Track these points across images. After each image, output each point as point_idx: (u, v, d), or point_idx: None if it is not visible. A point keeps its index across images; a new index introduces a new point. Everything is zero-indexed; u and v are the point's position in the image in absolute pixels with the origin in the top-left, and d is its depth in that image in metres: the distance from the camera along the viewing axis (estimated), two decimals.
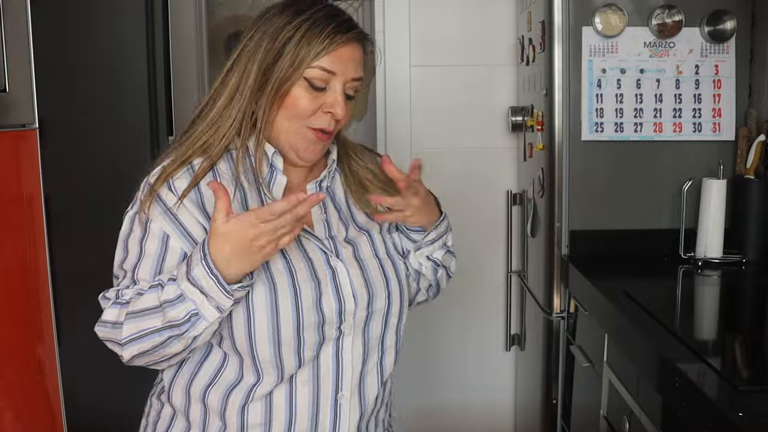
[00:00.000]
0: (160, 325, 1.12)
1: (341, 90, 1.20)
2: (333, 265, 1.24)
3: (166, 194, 1.19)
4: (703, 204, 2.08)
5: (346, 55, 1.20)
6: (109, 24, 2.29)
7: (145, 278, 1.18)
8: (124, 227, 1.23)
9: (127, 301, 1.17)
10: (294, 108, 1.20)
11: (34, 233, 2.03)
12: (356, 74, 1.22)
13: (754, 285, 1.99)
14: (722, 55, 2.15)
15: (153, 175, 1.24)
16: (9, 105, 1.90)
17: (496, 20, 2.79)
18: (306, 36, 1.18)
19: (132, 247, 1.20)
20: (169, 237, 1.17)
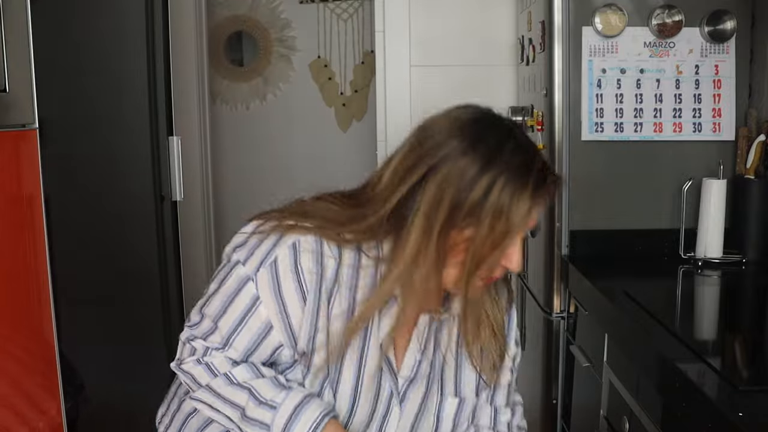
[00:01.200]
0: (231, 418, 1.15)
1: (520, 242, 1.09)
2: (391, 405, 1.21)
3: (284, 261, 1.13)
4: (703, 204, 2.08)
5: (540, 209, 1.07)
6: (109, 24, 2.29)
7: (238, 350, 1.16)
8: (231, 282, 1.16)
9: (215, 371, 1.16)
10: (476, 264, 1.08)
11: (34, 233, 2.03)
12: (537, 220, 1.10)
13: (754, 285, 1.99)
14: (722, 55, 2.15)
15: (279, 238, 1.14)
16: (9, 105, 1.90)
17: (496, 20, 2.79)
18: (506, 204, 1.03)
19: (233, 312, 1.15)
20: (272, 328, 1.14)
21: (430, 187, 1.05)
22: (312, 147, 3.92)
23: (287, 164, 3.91)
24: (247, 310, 1.14)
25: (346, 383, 1.17)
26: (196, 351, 1.18)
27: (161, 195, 2.41)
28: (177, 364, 1.22)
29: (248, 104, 3.97)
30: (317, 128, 3.92)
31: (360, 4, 3.86)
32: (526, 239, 2.60)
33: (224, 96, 3.95)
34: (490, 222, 1.03)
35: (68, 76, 2.23)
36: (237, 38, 4.00)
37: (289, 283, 1.12)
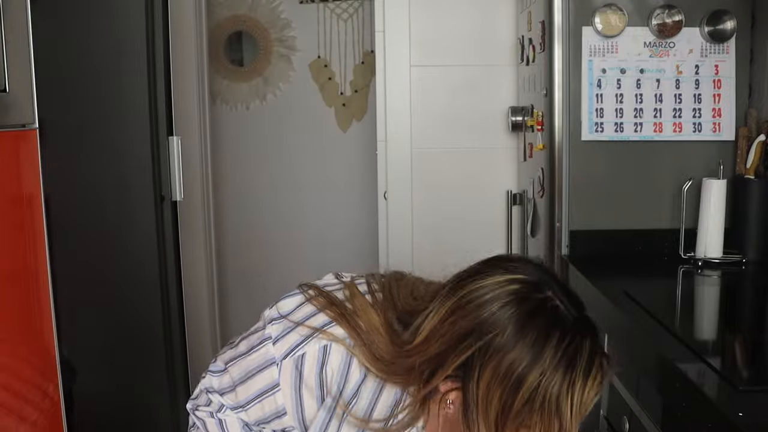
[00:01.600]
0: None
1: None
2: None
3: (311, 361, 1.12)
4: (703, 204, 2.08)
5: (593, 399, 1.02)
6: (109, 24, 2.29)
7: (251, 417, 1.19)
8: (257, 357, 1.17)
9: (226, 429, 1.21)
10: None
11: (34, 233, 2.03)
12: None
13: (754, 285, 1.99)
14: (722, 55, 2.15)
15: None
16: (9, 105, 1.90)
17: (496, 20, 2.79)
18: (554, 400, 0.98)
19: (252, 385, 1.17)
20: (286, 413, 1.16)
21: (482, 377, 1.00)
22: (312, 147, 3.92)
23: (287, 164, 3.91)
24: (266, 390, 1.16)
25: None
26: (211, 404, 1.23)
27: (161, 195, 2.41)
28: (192, 408, 1.26)
29: (248, 104, 3.96)
30: (317, 128, 3.92)
31: (360, 4, 3.86)
32: (526, 238, 2.60)
33: (224, 96, 3.95)
34: (541, 419, 0.98)
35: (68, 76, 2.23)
36: (237, 38, 3.99)
37: (311, 382, 1.13)
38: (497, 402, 0.99)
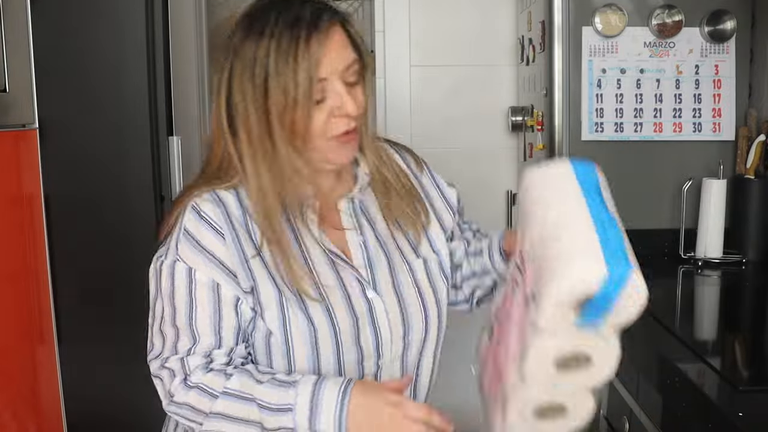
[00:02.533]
0: (253, 421, 1.08)
1: (342, 87, 1.11)
2: (369, 297, 1.19)
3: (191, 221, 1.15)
4: (703, 204, 2.08)
5: (327, 52, 1.09)
6: (109, 24, 2.29)
7: (207, 333, 1.12)
8: (165, 282, 1.14)
9: (211, 391, 1.10)
10: (308, 129, 1.11)
11: (34, 233, 2.03)
12: (346, 61, 1.11)
13: (754, 285, 1.99)
14: (722, 55, 2.15)
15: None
16: (9, 105, 1.90)
17: (496, 20, 2.79)
18: (280, 62, 1.08)
19: (180, 301, 1.13)
20: (218, 286, 1.12)
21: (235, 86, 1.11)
22: None
23: None
24: (189, 287, 1.13)
25: (313, 304, 1.14)
26: (175, 372, 1.13)
27: (161, 195, 2.41)
28: (168, 402, 1.16)
29: None
30: None
31: (360, 4, 3.86)
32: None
33: None
34: (279, 91, 1.08)
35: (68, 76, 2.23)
36: None
37: (203, 233, 1.13)
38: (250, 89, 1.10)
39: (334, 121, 1.12)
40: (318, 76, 1.08)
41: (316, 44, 1.08)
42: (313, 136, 1.12)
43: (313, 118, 1.10)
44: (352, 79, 1.13)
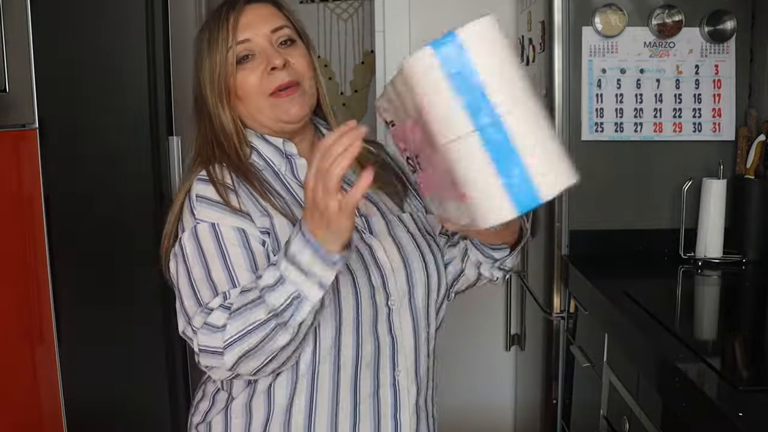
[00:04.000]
0: (264, 317, 1.05)
1: (269, 45, 1.22)
2: (368, 242, 1.24)
3: (201, 187, 1.21)
4: (703, 204, 2.08)
5: (249, 19, 1.22)
6: (109, 24, 2.29)
7: (243, 276, 1.13)
8: (190, 249, 1.17)
9: (216, 325, 1.09)
10: (243, 91, 1.22)
11: (34, 233, 2.03)
12: (271, 25, 1.23)
13: (754, 285, 1.99)
14: (722, 55, 2.15)
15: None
16: (9, 105, 1.90)
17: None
18: (211, 40, 1.22)
19: (212, 260, 1.14)
20: (245, 232, 1.16)
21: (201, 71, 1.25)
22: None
23: None
24: (217, 240, 1.15)
25: None
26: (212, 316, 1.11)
27: (161, 195, 2.41)
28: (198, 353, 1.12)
29: None
30: None
31: (360, 4, 3.86)
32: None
33: None
34: (212, 59, 1.22)
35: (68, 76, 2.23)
36: None
37: (214, 191, 1.19)
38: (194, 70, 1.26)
39: (267, 78, 1.21)
40: (242, 37, 1.21)
41: (235, 14, 1.22)
42: (251, 95, 1.22)
43: (246, 78, 1.21)
44: (284, 40, 1.24)
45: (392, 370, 1.25)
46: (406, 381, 1.26)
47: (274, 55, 1.21)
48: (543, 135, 0.93)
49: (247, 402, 1.23)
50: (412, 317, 1.27)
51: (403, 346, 1.25)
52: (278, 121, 1.25)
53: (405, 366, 1.26)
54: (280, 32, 1.23)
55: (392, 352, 1.24)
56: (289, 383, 1.20)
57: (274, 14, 1.25)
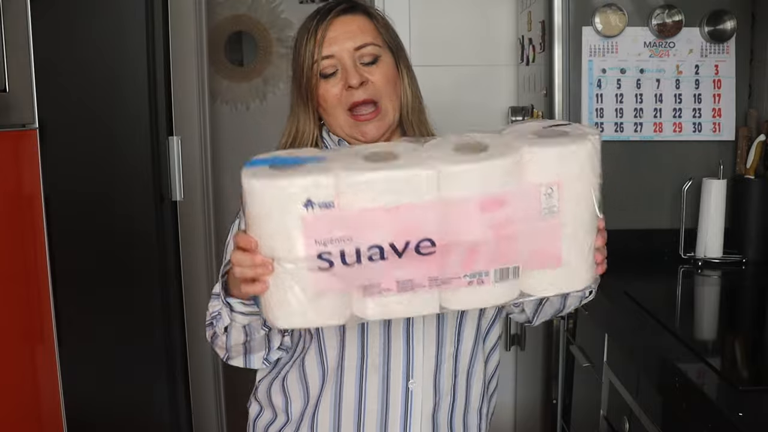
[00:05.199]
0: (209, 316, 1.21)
1: (350, 63, 1.24)
2: None
3: None
4: (703, 204, 2.08)
5: (336, 34, 1.24)
6: (109, 24, 2.29)
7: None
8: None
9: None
10: (325, 102, 1.26)
11: (34, 233, 2.03)
12: (357, 42, 1.25)
13: (754, 285, 1.99)
14: (722, 55, 2.15)
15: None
16: (9, 105, 1.90)
17: (496, 20, 2.79)
18: (302, 38, 1.26)
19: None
20: None
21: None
22: None
23: None
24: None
25: None
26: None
27: (161, 195, 2.41)
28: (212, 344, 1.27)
29: (248, 104, 3.96)
30: None
31: None
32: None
33: (224, 96, 3.95)
34: (298, 62, 1.27)
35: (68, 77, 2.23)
36: (237, 38, 3.99)
37: None
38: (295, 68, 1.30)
39: (345, 93, 1.24)
40: (327, 52, 1.24)
41: (324, 27, 1.24)
42: (332, 105, 1.26)
43: (328, 90, 1.25)
44: (367, 60, 1.26)
45: (405, 378, 1.25)
46: (421, 391, 1.26)
47: (352, 73, 1.23)
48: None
49: (267, 389, 1.33)
50: (438, 329, 1.26)
51: (419, 357, 1.25)
52: (353, 138, 1.28)
53: (421, 376, 1.25)
54: (363, 50, 1.25)
55: (406, 360, 1.25)
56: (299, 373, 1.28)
57: (362, 29, 1.26)
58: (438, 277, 0.97)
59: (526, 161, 0.98)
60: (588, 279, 1.05)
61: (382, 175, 0.93)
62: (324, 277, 0.95)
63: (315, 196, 0.93)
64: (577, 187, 1.03)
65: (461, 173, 0.95)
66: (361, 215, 0.93)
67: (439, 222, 0.95)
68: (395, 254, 0.95)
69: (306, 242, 0.94)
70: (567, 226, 1.01)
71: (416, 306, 0.98)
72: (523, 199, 0.98)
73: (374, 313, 0.98)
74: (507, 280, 0.99)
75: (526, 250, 0.99)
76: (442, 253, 0.96)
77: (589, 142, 1.03)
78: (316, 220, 0.93)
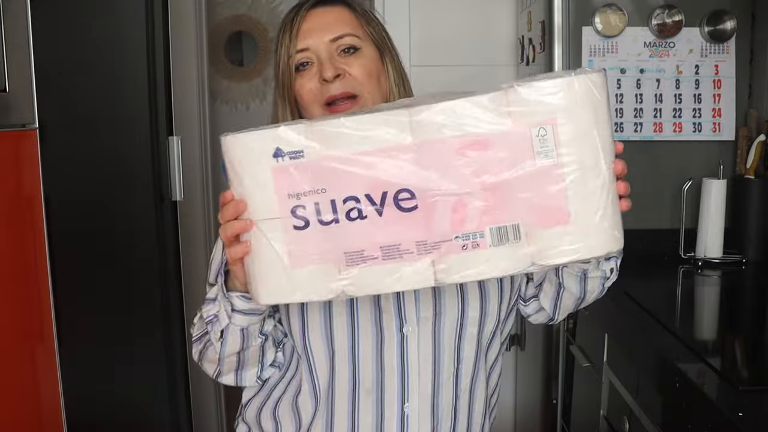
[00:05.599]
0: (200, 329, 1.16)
1: (326, 55, 1.17)
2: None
3: None
4: (703, 204, 2.08)
5: (311, 25, 1.18)
6: (109, 24, 2.29)
7: None
8: None
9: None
10: (301, 98, 1.19)
11: (34, 233, 2.03)
12: (334, 33, 1.18)
13: (754, 285, 1.99)
14: (722, 55, 2.15)
15: None
16: (9, 105, 1.90)
17: (496, 20, 2.79)
18: (280, 32, 1.21)
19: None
20: None
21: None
22: None
23: None
24: None
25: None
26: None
27: (161, 195, 2.41)
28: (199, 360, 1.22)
29: (248, 104, 3.97)
30: None
31: None
32: None
33: (224, 96, 3.95)
34: (276, 58, 1.21)
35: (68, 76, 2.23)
36: (237, 38, 4.00)
37: None
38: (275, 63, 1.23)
39: (321, 88, 1.17)
40: (302, 46, 1.17)
41: (298, 21, 1.18)
42: (308, 102, 1.18)
43: (303, 85, 1.18)
44: (344, 51, 1.18)
45: (400, 401, 1.16)
46: (417, 415, 1.17)
47: (327, 66, 1.16)
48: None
49: (256, 413, 1.27)
50: (434, 348, 1.17)
51: (416, 378, 1.16)
52: None
53: (417, 398, 1.17)
54: (341, 41, 1.18)
55: (401, 382, 1.16)
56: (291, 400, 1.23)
57: (339, 20, 1.20)
58: (426, 240, 0.89)
59: (512, 99, 0.88)
60: (608, 241, 0.92)
61: (350, 121, 0.89)
62: (302, 239, 0.91)
63: (284, 145, 0.90)
64: (579, 127, 0.88)
65: (435, 113, 0.88)
66: (332, 164, 0.89)
67: (416, 169, 0.88)
68: (374, 211, 0.89)
69: (279, 196, 0.91)
70: (569, 172, 0.88)
71: (407, 278, 0.90)
72: (510, 140, 0.87)
73: (361, 286, 0.91)
74: (507, 242, 0.89)
75: (524, 204, 0.88)
76: (426, 208, 0.88)
77: (587, 77, 0.88)
78: (286, 171, 0.90)
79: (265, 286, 0.94)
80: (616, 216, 0.94)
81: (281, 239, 0.91)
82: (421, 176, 0.88)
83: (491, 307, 1.18)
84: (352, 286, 0.92)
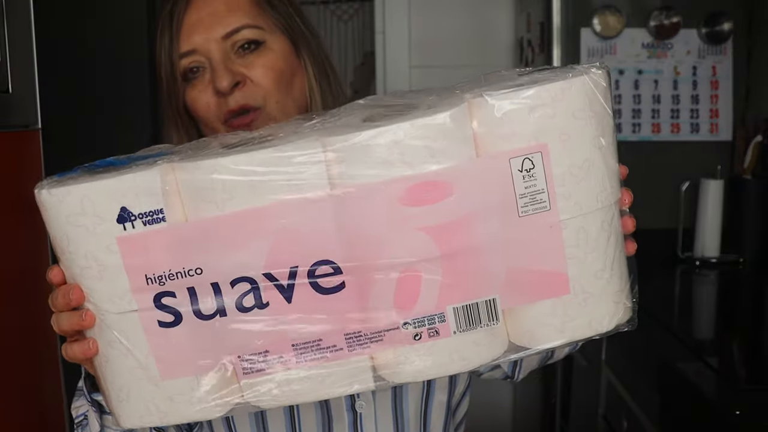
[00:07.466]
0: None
1: (219, 57, 0.89)
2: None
3: None
4: (700, 204, 2.09)
5: (197, 18, 0.90)
6: (111, 24, 2.29)
7: None
8: None
9: None
10: (196, 114, 0.93)
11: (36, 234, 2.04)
12: (227, 27, 0.89)
13: (752, 285, 2.00)
14: (720, 56, 2.16)
15: None
16: (12, 106, 1.91)
17: (495, 21, 2.80)
18: (157, 30, 0.93)
19: None
20: None
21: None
22: None
23: None
24: None
25: None
26: None
27: None
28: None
29: None
30: None
31: (360, 6, 3.86)
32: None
33: None
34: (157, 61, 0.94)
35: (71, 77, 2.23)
36: None
37: None
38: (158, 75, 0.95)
39: (219, 100, 0.90)
40: (182, 49, 0.90)
41: (179, 11, 0.90)
42: (205, 119, 0.92)
43: (196, 98, 0.91)
44: (243, 48, 0.91)
45: None
46: None
47: (220, 73, 0.88)
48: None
49: None
50: (396, 426, 0.94)
51: None
52: None
53: None
54: (236, 36, 0.90)
55: None
56: None
57: (233, 7, 0.90)
58: (361, 331, 0.62)
59: (481, 116, 0.60)
60: (617, 310, 0.71)
61: (232, 162, 0.59)
62: (174, 339, 0.63)
63: (134, 204, 0.61)
64: (579, 153, 0.64)
65: (365, 143, 0.59)
66: (209, 229, 0.60)
67: (339, 230, 0.60)
68: (279, 294, 0.61)
69: (133, 280, 0.62)
70: (567, 221, 0.64)
71: (335, 381, 0.63)
72: (480, 180, 0.60)
73: (271, 397, 0.64)
74: (479, 326, 0.63)
75: (501, 271, 0.63)
76: (357, 287, 0.61)
77: (588, 77, 0.62)
78: (140, 244, 0.61)
79: (126, 406, 0.65)
80: (624, 274, 0.72)
81: (142, 341, 0.63)
82: (348, 240, 0.60)
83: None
84: (257, 396, 0.64)
